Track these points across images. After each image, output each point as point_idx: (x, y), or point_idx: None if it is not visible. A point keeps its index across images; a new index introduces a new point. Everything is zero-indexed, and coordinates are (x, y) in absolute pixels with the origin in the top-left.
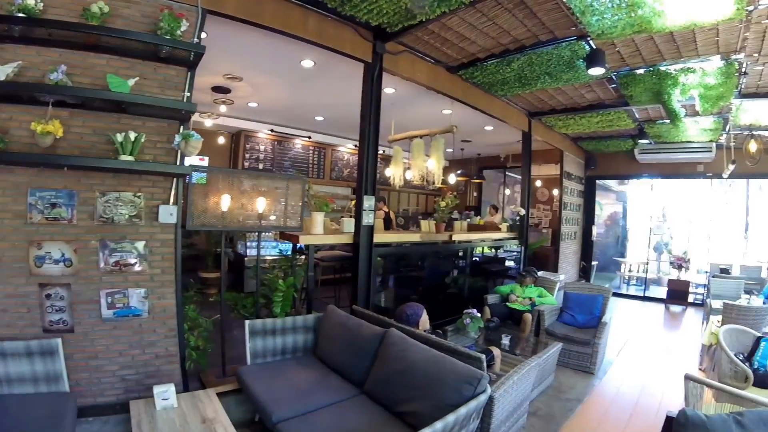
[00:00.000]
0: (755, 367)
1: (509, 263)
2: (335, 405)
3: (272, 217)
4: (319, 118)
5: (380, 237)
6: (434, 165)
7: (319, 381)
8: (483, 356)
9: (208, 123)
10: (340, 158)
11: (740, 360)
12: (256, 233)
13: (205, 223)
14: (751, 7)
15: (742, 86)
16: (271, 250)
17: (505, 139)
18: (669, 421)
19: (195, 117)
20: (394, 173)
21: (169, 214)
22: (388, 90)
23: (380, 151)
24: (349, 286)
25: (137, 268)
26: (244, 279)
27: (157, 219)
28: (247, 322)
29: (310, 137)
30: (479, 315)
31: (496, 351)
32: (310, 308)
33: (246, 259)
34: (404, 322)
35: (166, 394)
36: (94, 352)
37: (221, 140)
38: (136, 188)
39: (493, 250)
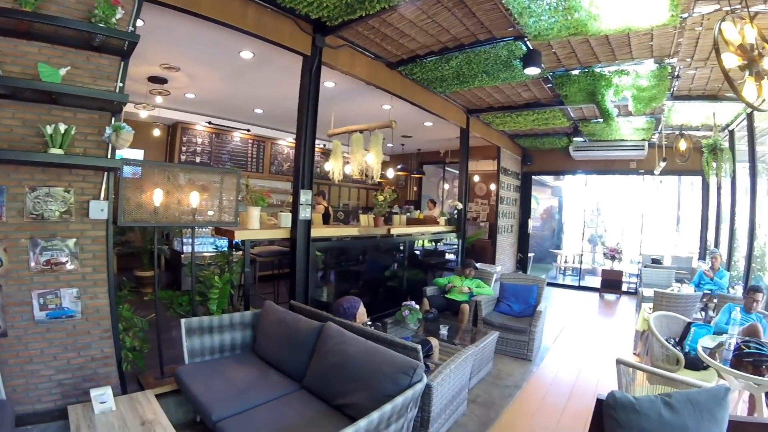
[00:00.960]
0: (686, 350)
1: (449, 256)
2: (275, 401)
3: (210, 213)
4: (259, 111)
5: (318, 231)
6: (373, 159)
7: (258, 378)
8: (419, 346)
9: (144, 114)
10: (280, 152)
11: (671, 344)
12: (191, 229)
13: (137, 218)
14: (685, 14)
15: (675, 89)
16: (209, 246)
17: (445, 135)
18: (600, 403)
19: (130, 108)
20: (333, 167)
21: (99, 209)
22: (328, 84)
23: (320, 145)
24: (288, 282)
25: (69, 266)
26: (182, 277)
27: (87, 215)
28: (183, 320)
29: (249, 130)
30: (418, 307)
31: (434, 341)
32: (247, 305)
33: (183, 256)
34: (341, 316)
35: (103, 397)
36: (29, 356)
37: (157, 132)
38: (67, 183)
39: (432, 244)
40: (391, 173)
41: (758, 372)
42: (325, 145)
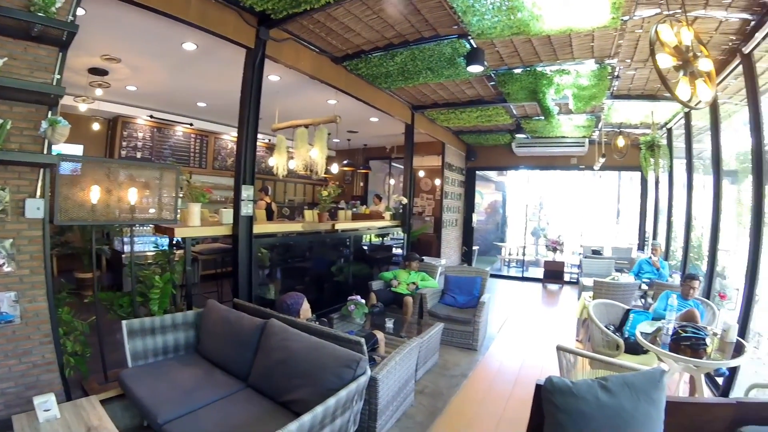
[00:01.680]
0: (626, 336)
1: (397, 251)
2: (221, 401)
3: (152, 210)
4: (202, 105)
5: (261, 228)
6: (317, 154)
7: (203, 378)
8: (362, 340)
9: (83, 108)
10: (224, 147)
11: (611, 331)
12: (130, 227)
13: (74, 217)
14: (626, 17)
15: (614, 88)
16: (150, 245)
17: (391, 131)
18: (539, 388)
19: (69, 101)
20: (277, 162)
21: (36, 208)
22: (273, 77)
23: (265, 140)
24: (232, 280)
25: (6, 269)
26: (123, 277)
27: (23, 214)
28: (124, 322)
29: (191, 124)
30: (363, 301)
31: (379, 335)
32: (190, 304)
33: (123, 256)
34: (285, 312)
35: (47, 404)
36: None
37: (96, 127)
38: (2, 180)
39: (379, 239)
40: (335, 168)
41: (696, 354)
42: (269, 140)
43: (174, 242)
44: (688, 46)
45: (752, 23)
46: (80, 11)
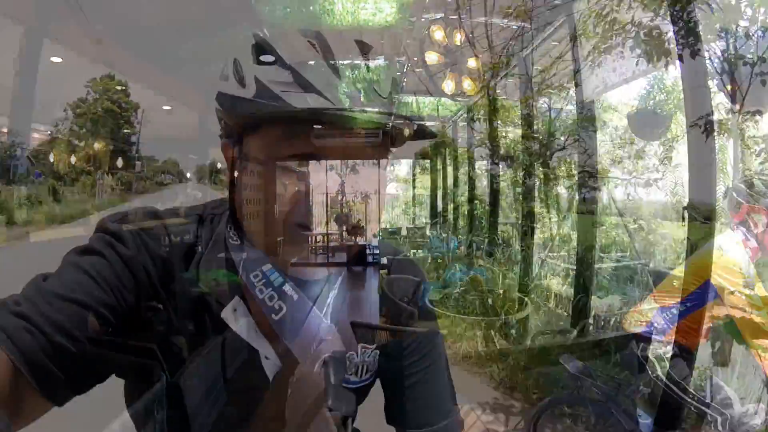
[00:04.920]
0: (420, 305)
1: None
2: None
3: None
4: None
5: None
6: None
7: None
8: None
9: None
10: None
11: (405, 302)
12: None
13: None
14: (413, 19)
15: (404, 84)
16: None
17: None
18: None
19: None
20: None
21: None
22: None
23: None
24: None
25: None
26: None
27: None
28: None
29: None
30: None
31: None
32: None
33: None
34: None
35: None
36: None
37: None
38: None
39: None
40: None
41: None
42: None
43: None
44: (458, 47)
45: (531, 31)
46: None
